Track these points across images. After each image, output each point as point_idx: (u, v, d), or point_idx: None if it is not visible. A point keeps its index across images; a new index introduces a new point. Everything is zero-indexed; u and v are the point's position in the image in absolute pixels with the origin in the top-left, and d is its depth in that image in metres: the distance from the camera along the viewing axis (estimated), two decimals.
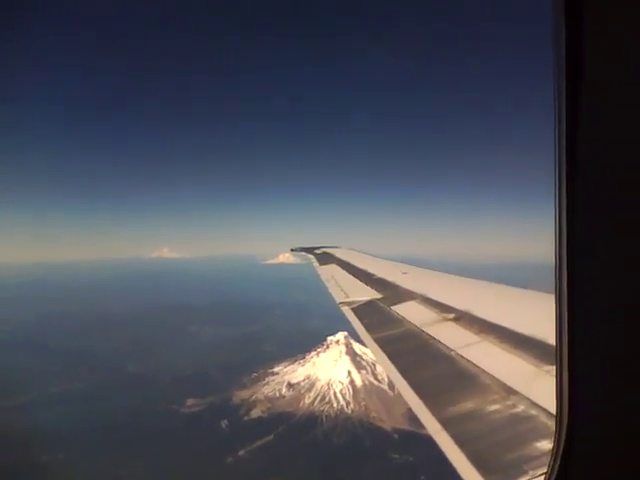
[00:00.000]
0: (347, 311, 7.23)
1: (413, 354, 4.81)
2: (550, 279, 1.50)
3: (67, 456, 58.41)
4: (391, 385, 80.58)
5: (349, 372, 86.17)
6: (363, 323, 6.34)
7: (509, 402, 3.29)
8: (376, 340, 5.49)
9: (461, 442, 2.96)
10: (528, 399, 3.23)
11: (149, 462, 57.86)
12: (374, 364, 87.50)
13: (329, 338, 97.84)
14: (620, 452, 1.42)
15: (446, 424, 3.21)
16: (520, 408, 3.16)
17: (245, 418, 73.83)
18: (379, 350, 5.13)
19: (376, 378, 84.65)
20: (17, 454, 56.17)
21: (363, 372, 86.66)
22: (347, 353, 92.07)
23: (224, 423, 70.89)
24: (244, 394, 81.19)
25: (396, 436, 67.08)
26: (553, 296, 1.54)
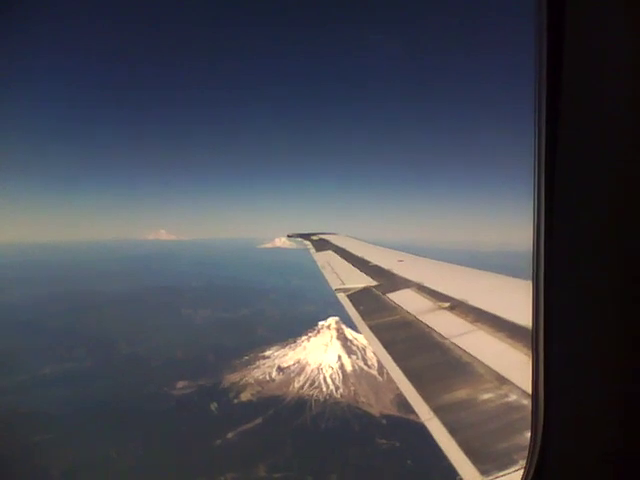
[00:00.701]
0: (342, 298, 7.24)
1: (407, 342, 4.86)
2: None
3: (57, 437, 58.86)
4: (381, 371, 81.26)
5: (339, 357, 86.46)
6: (358, 310, 6.38)
7: (501, 391, 3.31)
8: (371, 327, 5.56)
9: (453, 430, 2.97)
10: (520, 388, 3.25)
11: (137, 444, 58.45)
12: (364, 349, 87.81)
13: (320, 323, 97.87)
14: (596, 438, 1.45)
15: (438, 412, 3.23)
16: (512, 397, 3.18)
17: (235, 401, 74.27)
18: (374, 337, 5.20)
19: (366, 363, 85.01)
20: (8, 434, 56.90)
21: (353, 357, 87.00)
22: (338, 338, 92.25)
23: (214, 406, 71.44)
24: (234, 377, 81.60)
25: (384, 421, 67.70)
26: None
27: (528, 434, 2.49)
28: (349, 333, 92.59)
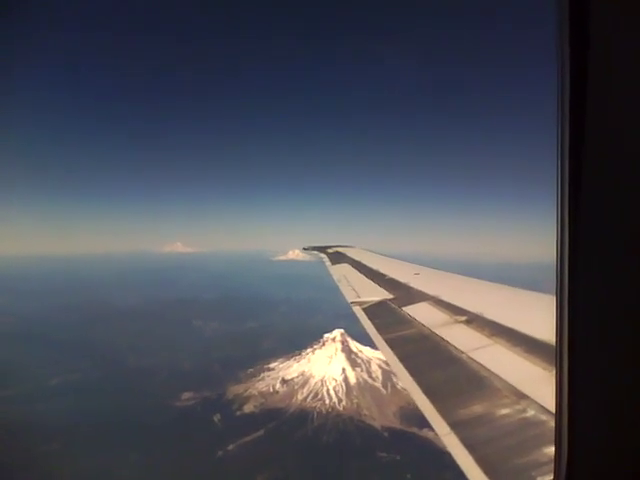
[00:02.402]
0: (358, 311, 7.22)
1: (423, 356, 4.85)
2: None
3: (61, 446, 59.93)
4: (385, 383, 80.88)
5: (343, 369, 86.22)
6: (374, 323, 6.36)
7: (519, 406, 3.28)
8: (387, 341, 5.53)
9: (469, 445, 2.96)
10: (538, 403, 3.22)
11: (139, 455, 59.05)
12: (369, 362, 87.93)
13: (325, 335, 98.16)
14: (622, 454, 1.41)
15: (455, 427, 3.22)
16: (530, 413, 3.15)
17: (237, 413, 74.60)
18: (389, 351, 5.17)
19: (370, 376, 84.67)
20: (12, 443, 58.08)
21: (358, 370, 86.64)
22: (343, 350, 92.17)
23: (216, 417, 71.75)
24: (238, 389, 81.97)
25: (386, 434, 67.30)
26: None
27: (547, 450, 2.51)
28: (354, 345, 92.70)
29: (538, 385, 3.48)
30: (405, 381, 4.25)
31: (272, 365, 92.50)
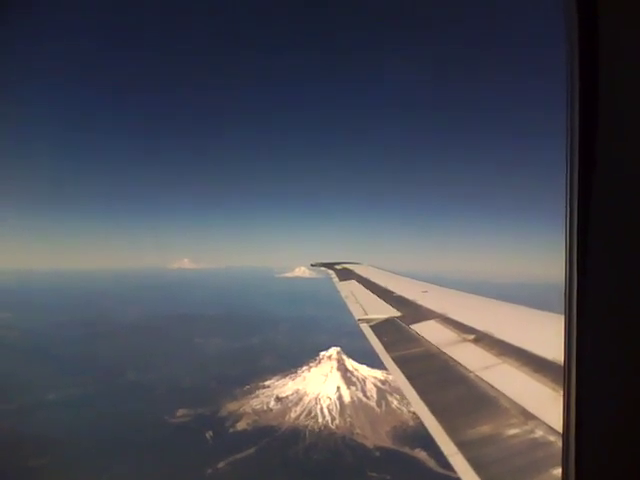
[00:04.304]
0: (365, 328, 7.17)
1: (431, 374, 4.83)
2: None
3: (54, 461, 60.60)
4: (379, 402, 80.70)
5: (338, 388, 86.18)
6: (381, 341, 6.29)
7: (527, 427, 3.27)
8: (394, 359, 5.50)
9: (477, 466, 2.94)
10: (547, 424, 3.20)
11: (130, 473, 59.56)
12: (364, 380, 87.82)
13: (322, 353, 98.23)
14: (631, 474, 1.39)
15: (463, 447, 3.20)
16: (538, 433, 3.14)
17: (230, 430, 74.85)
18: (397, 369, 5.15)
19: (365, 395, 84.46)
20: (8, 457, 58.89)
21: (352, 388, 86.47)
22: (338, 369, 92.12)
23: (209, 434, 72.06)
24: (233, 406, 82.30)
25: (377, 454, 67.04)
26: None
27: (555, 471, 2.40)
28: (350, 364, 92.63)
29: (546, 405, 3.47)
30: (413, 400, 4.24)
31: (267, 382, 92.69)
